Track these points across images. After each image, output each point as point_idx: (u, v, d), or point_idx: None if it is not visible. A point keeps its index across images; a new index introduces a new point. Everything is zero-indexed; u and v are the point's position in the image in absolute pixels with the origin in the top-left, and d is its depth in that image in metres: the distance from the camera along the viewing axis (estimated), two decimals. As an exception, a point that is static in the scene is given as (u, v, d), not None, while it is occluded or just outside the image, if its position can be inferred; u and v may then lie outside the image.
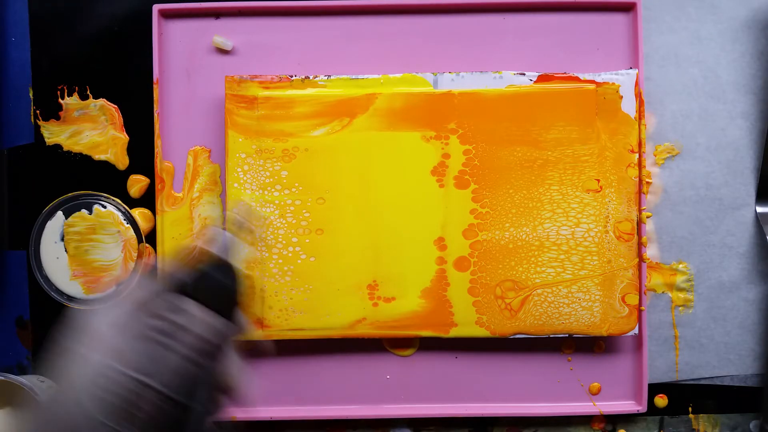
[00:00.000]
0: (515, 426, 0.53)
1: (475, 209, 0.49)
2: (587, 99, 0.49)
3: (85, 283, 0.51)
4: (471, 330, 0.49)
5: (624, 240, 0.49)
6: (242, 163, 0.49)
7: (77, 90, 0.53)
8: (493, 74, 0.49)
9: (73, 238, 0.51)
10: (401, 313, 0.49)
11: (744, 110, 0.52)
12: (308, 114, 0.49)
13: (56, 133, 0.53)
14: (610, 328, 0.49)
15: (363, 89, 0.49)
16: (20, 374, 0.52)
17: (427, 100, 0.49)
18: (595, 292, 0.49)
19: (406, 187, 0.49)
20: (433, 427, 0.53)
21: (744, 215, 0.52)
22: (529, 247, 0.49)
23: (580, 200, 0.49)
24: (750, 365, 0.52)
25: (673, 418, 0.53)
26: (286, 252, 0.49)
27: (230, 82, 0.49)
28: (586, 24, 0.52)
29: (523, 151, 0.49)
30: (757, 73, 0.52)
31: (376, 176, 0.49)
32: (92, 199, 0.51)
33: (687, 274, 0.52)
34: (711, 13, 0.52)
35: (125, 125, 0.53)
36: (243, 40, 0.52)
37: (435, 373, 0.52)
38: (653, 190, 0.52)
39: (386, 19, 0.52)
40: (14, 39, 0.53)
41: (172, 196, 0.52)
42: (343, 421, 0.52)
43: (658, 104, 0.52)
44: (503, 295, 0.49)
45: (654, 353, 0.52)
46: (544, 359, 0.52)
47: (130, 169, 0.53)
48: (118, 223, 0.51)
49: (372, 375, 0.52)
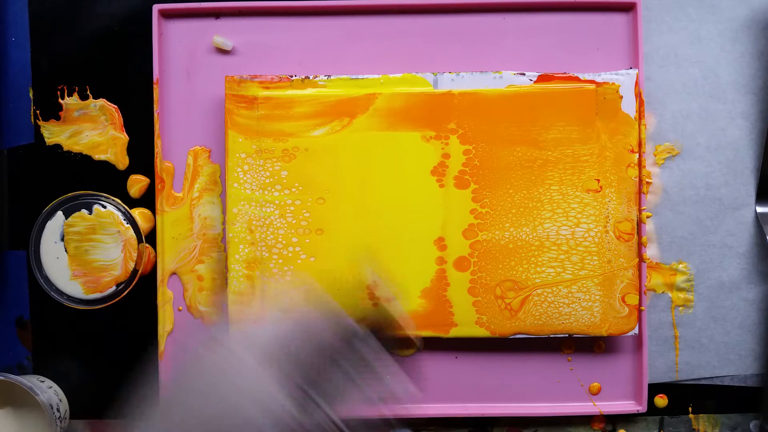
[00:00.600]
0: (515, 426, 0.53)
1: (475, 209, 0.49)
2: (587, 99, 0.49)
3: (85, 283, 0.51)
4: (471, 330, 0.49)
5: (624, 240, 0.49)
6: (242, 163, 0.49)
7: (77, 90, 0.53)
8: (493, 74, 0.49)
9: (73, 238, 0.51)
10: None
11: (744, 110, 0.52)
12: (308, 114, 0.49)
13: (56, 133, 0.53)
14: (610, 328, 0.49)
15: (363, 89, 0.49)
16: (20, 374, 0.52)
17: (427, 100, 0.49)
18: (595, 292, 0.49)
19: (406, 187, 0.49)
20: (433, 427, 0.53)
21: (744, 215, 0.52)
22: (529, 247, 0.49)
23: (580, 200, 0.49)
24: (750, 365, 0.52)
25: (673, 418, 0.53)
26: (286, 252, 0.49)
27: (230, 82, 0.49)
28: (586, 24, 0.52)
29: (523, 151, 0.49)
30: (757, 73, 0.52)
31: (376, 176, 0.49)
32: (92, 199, 0.51)
33: (687, 274, 0.52)
34: (711, 13, 0.52)
35: (125, 125, 0.53)
36: (243, 40, 0.52)
37: (435, 373, 0.52)
38: (653, 190, 0.52)
39: (386, 19, 0.52)
40: (14, 39, 0.53)
41: (172, 196, 0.52)
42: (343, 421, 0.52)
43: (658, 104, 0.52)
44: (503, 295, 0.49)
45: (654, 353, 0.52)
46: (544, 359, 0.52)
47: (130, 169, 0.53)
48: (118, 223, 0.51)
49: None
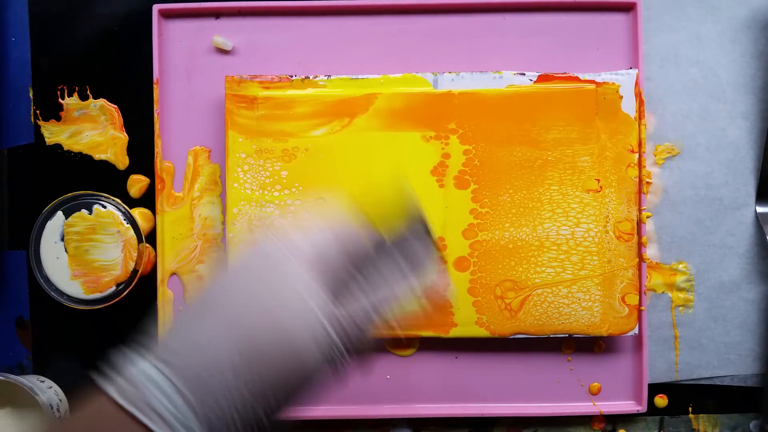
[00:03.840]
0: (515, 426, 0.53)
1: (474, 209, 0.49)
2: (587, 99, 0.49)
3: (85, 283, 0.51)
4: (471, 330, 0.49)
5: (624, 240, 0.49)
6: (242, 163, 0.49)
7: (77, 90, 0.53)
8: (493, 74, 0.49)
9: (73, 238, 0.51)
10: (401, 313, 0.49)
11: (744, 110, 0.52)
12: (308, 114, 0.49)
13: (56, 133, 0.53)
14: (610, 328, 0.49)
15: (363, 89, 0.49)
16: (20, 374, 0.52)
17: (427, 100, 0.49)
18: (595, 292, 0.49)
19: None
20: (433, 427, 0.53)
21: (744, 215, 0.52)
22: (529, 247, 0.49)
23: (580, 200, 0.49)
24: (750, 365, 0.52)
25: (673, 418, 0.53)
26: (286, 252, 0.49)
27: (230, 82, 0.49)
28: (586, 24, 0.52)
29: (522, 151, 0.49)
30: (757, 73, 0.52)
31: (376, 176, 0.49)
32: (92, 199, 0.51)
33: (687, 274, 0.52)
34: (711, 13, 0.52)
35: (125, 125, 0.53)
36: (243, 40, 0.52)
37: (435, 373, 0.52)
38: (653, 190, 0.52)
39: (386, 19, 0.52)
40: (14, 39, 0.53)
41: (172, 196, 0.52)
42: (343, 421, 0.52)
43: (658, 104, 0.52)
44: (503, 295, 0.49)
45: (654, 353, 0.52)
46: (544, 359, 0.52)
47: (130, 169, 0.53)
48: (118, 223, 0.51)
49: (372, 375, 0.52)
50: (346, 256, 0.33)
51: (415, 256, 0.35)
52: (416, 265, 0.35)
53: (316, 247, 0.32)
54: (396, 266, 0.34)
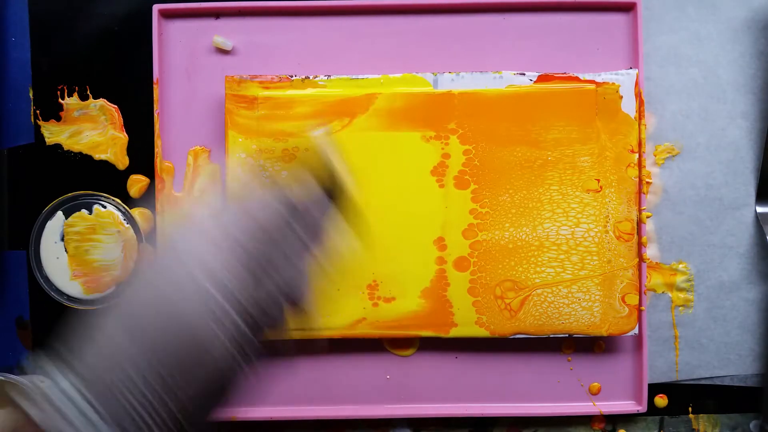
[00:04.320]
0: (515, 426, 0.53)
1: (474, 209, 0.49)
2: (587, 99, 0.49)
3: (85, 283, 0.51)
4: (471, 330, 0.49)
5: (624, 240, 0.49)
6: (242, 163, 0.49)
7: (77, 90, 0.53)
8: (493, 74, 0.49)
9: (73, 238, 0.51)
10: (401, 313, 0.49)
11: (744, 110, 0.52)
12: (308, 114, 0.49)
13: (56, 133, 0.53)
14: (610, 328, 0.49)
15: (363, 89, 0.49)
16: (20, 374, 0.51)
17: (427, 100, 0.49)
18: (595, 292, 0.49)
19: (405, 187, 0.49)
20: (433, 427, 0.53)
21: (744, 215, 0.52)
22: (529, 247, 0.49)
23: (580, 200, 0.49)
24: (750, 365, 0.52)
25: (673, 418, 0.53)
26: (286, 252, 0.49)
27: (230, 82, 0.49)
28: (586, 24, 0.52)
29: (522, 151, 0.49)
30: (757, 73, 0.52)
31: (376, 176, 0.49)
32: (92, 199, 0.51)
33: (687, 274, 0.52)
34: (711, 13, 0.52)
35: (125, 125, 0.53)
36: (243, 40, 0.52)
37: (435, 373, 0.52)
38: (653, 190, 0.52)
39: (386, 19, 0.52)
40: (14, 39, 0.53)
41: (172, 196, 0.52)
42: (343, 421, 0.52)
43: (658, 104, 0.52)
44: (503, 295, 0.49)
45: (654, 353, 0.52)
46: (544, 359, 0.52)
47: (130, 169, 0.53)
48: (118, 223, 0.51)
49: (372, 375, 0.52)
50: (261, 232, 0.31)
51: (315, 224, 0.33)
52: (315, 235, 0.33)
53: (225, 226, 0.31)
54: (297, 239, 0.32)
